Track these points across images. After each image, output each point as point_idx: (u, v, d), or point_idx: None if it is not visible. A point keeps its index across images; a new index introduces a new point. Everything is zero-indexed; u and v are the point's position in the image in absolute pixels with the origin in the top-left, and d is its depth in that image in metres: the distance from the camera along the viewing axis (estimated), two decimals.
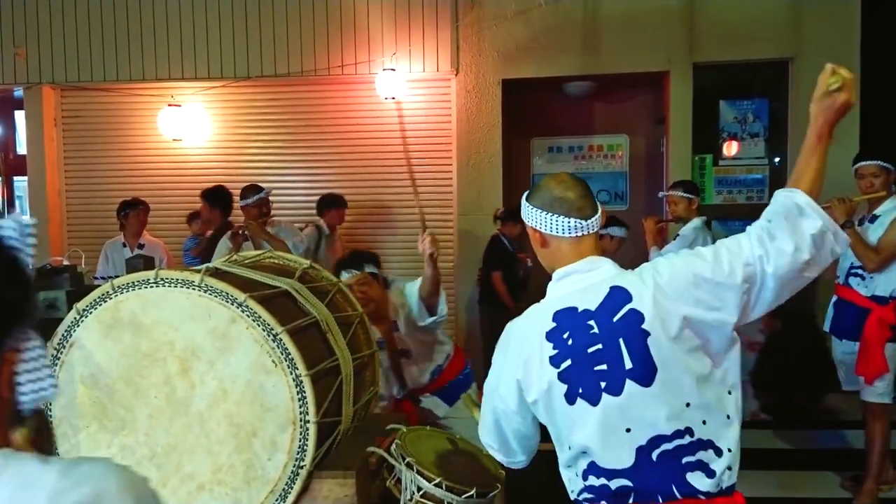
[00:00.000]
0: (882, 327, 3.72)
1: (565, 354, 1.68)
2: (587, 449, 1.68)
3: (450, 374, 3.47)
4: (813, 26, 5.83)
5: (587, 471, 1.71)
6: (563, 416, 1.70)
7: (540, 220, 1.82)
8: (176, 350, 2.24)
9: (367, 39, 6.09)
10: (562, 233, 1.80)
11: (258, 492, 2.21)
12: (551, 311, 1.76)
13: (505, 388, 1.82)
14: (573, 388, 1.67)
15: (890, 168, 3.78)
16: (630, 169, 6.65)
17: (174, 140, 6.32)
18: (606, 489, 1.67)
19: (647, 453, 1.64)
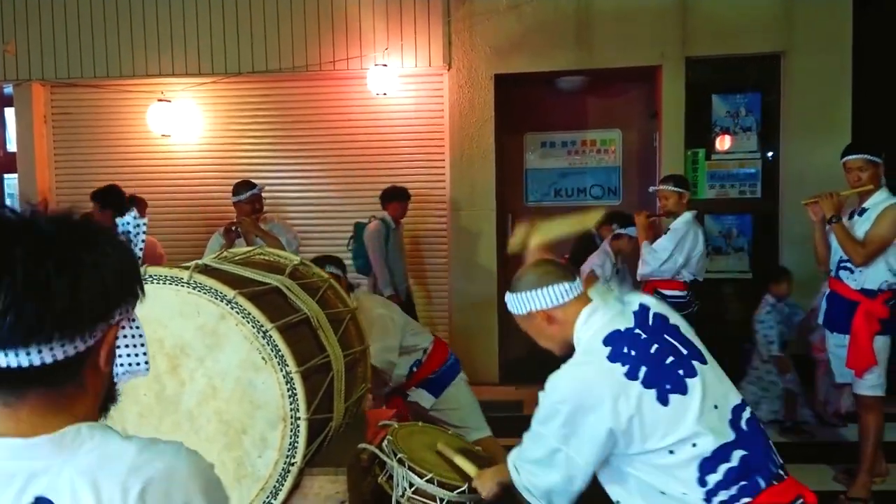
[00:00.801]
0: (870, 320, 3.73)
1: (637, 364, 1.74)
2: (696, 439, 1.70)
3: (431, 366, 3.51)
4: (805, 20, 5.83)
5: (701, 474, 1.70)
6: (659, 422, 1.72)
7: (539, 298, 1.92)
8: (165, 347, 2.22)
9: (358, 35, 6.06)
10: (564, 297, 1.90)
11: (248, 489, 2.20)
12: (599, 341, 1.82)
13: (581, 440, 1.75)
14: (661, 388, 1.73)
15: (877, 161, 3.77)
16: (623, 163, 6.64)
17: (163, 136, 6.28)
18: (732, 472, 1.69)
19: (737, 424, 1.76)
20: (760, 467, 1.72)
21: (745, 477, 1.70)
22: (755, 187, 6.18)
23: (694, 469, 1.71)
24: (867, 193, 3.80)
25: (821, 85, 5.84)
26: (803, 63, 5.88)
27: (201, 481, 1.01)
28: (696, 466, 1.71)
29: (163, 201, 6.37)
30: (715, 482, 1.70)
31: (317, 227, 6.30)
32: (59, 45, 6.32)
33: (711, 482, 1.70)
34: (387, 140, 6.26)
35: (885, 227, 3.70)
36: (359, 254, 5.60)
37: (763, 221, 6.19)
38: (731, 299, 6.14)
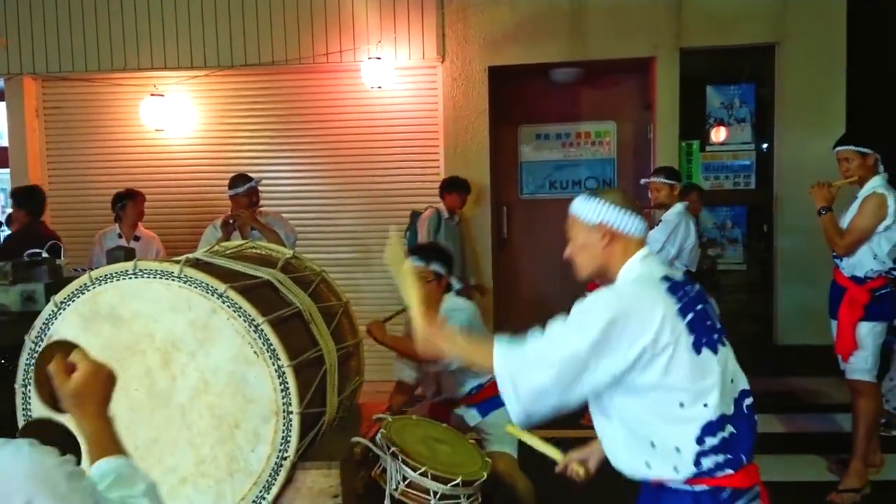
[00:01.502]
0: (853, 306, 3.78)
1: (686, 309, 1.78)
2: (709, 400, 1.74)
3: (489, 392, 3.11)
4: (799, 11, 5.82)
5: (702, 434, 1.74)
6: (686, 366, 1.74)
7: (617, 217, 1.89)
8: (156, 342, 2.22)
9: (351, 27, 6.03)
10: (635, 231, 1.90)
11: (241, 484, 2.19)
12: (657, 276, 1.84)
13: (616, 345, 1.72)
14: (699, 337, 1.76)
15: (866, 152, 3.76)
16: (618, 155, 6.63)
17: (156, 130, 6.25)
18: (726, 442, 1.74)
19: (739, 404, 1.82)
20: (745, 446, 1.78)
21: (733, 450, 1.75)
22: (749, 178, 6.18)
23: (696, 428, 1.74)
24: (861, 183, 3.81)
25: (815, 76, 5.83)
26: (797, 54, 5.87)
27: (43, 480, 1.00)
28: (700, 426, 1.74)
29: (156, 196, 6.33)
30: (710, 445, 1.74)
31: (311, 221, 6.27)
32: (51, 39, 6.28)
33: (707, 444, 1.74)
34: (381, 133, 6.24)
35: (864, 217, 3.73)
36: (412, 242, 5.47)
37: (757, 212, 6.19)
38: (726, 290, 6.14)
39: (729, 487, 1.76)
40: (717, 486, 1.75)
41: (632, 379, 1.75)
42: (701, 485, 1.75)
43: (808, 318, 5.47)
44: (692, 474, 1.75)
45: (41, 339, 2.25)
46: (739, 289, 6.28)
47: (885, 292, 3.79)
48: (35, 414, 2.27)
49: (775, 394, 5.55)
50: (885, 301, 3.79)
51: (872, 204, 3.72)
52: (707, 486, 1.75)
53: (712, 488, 1.75)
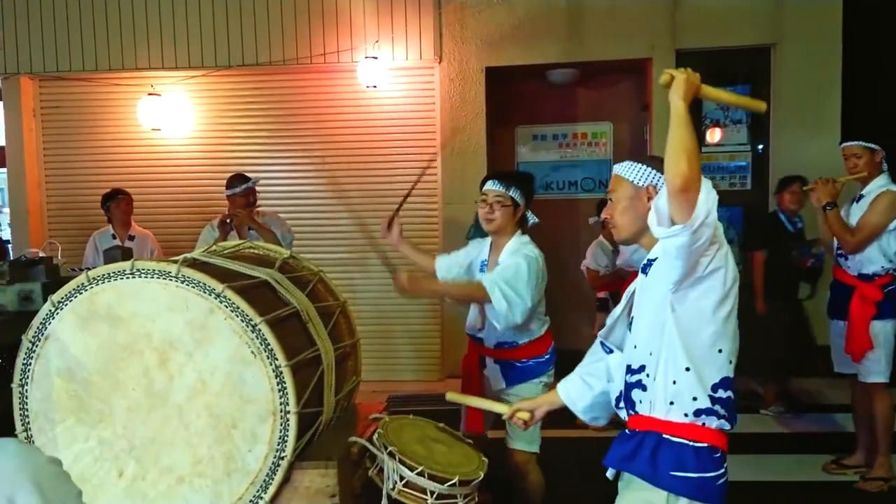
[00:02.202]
0: (865, 304, 3.76)
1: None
2: (733, 357, 1.87)
3: (515, 354, 3.16)
4: (795, 13, 5.84)
5: (720, 384, 1.84)
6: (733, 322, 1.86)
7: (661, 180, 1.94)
8: (153, 342, 2.22)
9: (348, 27, 6.03)
10: None
11: (239, 483, 2.20)
12: None
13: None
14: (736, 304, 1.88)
15: (874, 148, 3.79)
16: (614, 156, 6.65)
17: (153, 130, 6.24)
18: (726, 402, 1.85)
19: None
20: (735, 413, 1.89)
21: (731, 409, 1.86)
22: (745, 180, 6.20)
23: (718, 376, 1.84)
24: (866, 180, 3.83)
25: (811, 77, 5.85)
26: (793, 56, 5.89)
27: (30, 477, 1.02)
28: (721, 377, 1.84)
29: (153, 195, 6.34)
30: (720, 396, 1.84)
31: (308, 221, 6.28)
32: (48, 38, 6.27)
33: (718, 394, 1.84)
34: (378, 133, 6.24)
35: (877, 214, 3.73)
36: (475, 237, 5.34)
37: (753, 213, 6.21)
38: None
39: (721, 449, 1.84)
40: (713, 444, 1.82)
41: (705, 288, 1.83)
42: (701, 441, 1.82)
43: None
44: (705, 407, 1.82)
45: (38, 339, 2.26)
46: None
47: (893, 288, 3.79)
48: (32, 413, 2.28)
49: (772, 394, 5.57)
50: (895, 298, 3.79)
51: (886, 202, 3.73)
52: (706, 443, 1.82)
53: (710, 446, 1.82)
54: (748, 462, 4.16)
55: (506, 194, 3.10)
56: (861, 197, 3.87)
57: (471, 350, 3.36)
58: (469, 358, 3.35)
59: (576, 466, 3.62)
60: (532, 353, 3.18)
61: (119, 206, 5.37)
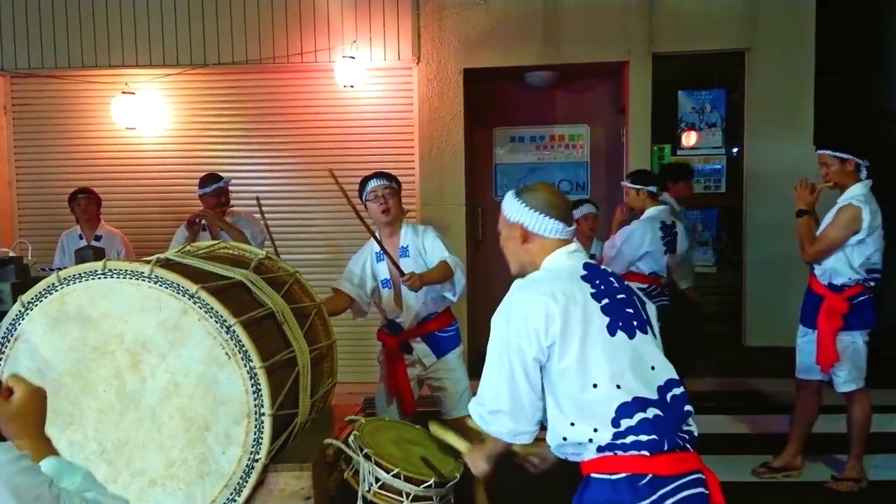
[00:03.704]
0: (832, 317, 3.75)
1: (602, 294, 1.87)
2: (621, 380, 1.79)
3: (436, 324, 3.62)
4: (769, 18, 5.91)
5: (617, 416, 1.78)
6: (600, 348, 1.81)
7: (531, 219, 1.99)
8: (125, 343, 2.19)
9: (326, 27, 6.00)
10: (550, 234, 1.99)
11: (212, 486, 2.18)
12: (578, 264, 1.95)
13: (533, 334, 1.82)
14: (614, 320, 1.84)
15: (844, 157, 3.72)
16: (591, 159, 6.69)
17: (128, 128, 6.16)
18: (645, 423, 1.77)
19: (664, 393, 1.85)
20: (669, 432, 1.79)
21: (654, 433, 1.77)
22: (720, 182, 6.26)
23: (612, 409, 1.78)
24: (843, 188, 3.78)
25: (784, 82, 5.93)
26: (767, 60, 5.97)
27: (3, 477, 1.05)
28: (615, 408, 1.78)
29: (128, 195, 6.26)
30: (626, 426, 1.77)
31: (284, 221, 6.22)
32: (20, 35, 6.16)
33: (624, 426, 1.77)
34: (355, 134, 6.22)
35: (836, 228, 3.70)
36: None
37: (727, 215, 6.29)
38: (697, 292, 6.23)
39: (648, 474, 1.75)
40: (634, 473, 1.76)
41: (552, 364, 1.83)
42: (618, 472, 1.77)
43: (777, 319, 5.56)
44: (605, 444, 1.78)
45: (7, 340, 2.22)
46: (709, 291, 6.37)
47: (862, 299, 3.77)
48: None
49: (743, 394, 5.64)
50: (864, 308, 3.77)
51: (846, 216, 3.68)
52: (624, 473, 1.77)
53: (629, 476, 1.76)
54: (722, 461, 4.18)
55: (392, 184, 3.60)
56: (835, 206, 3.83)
57: (388, 343, 3.65)
58: (390, 350, 3.62)
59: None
60: (448, 322, 3.67)
61: (80, 205, 5.31)
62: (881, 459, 4.18)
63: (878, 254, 3.77)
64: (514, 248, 2.06)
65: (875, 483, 3.92)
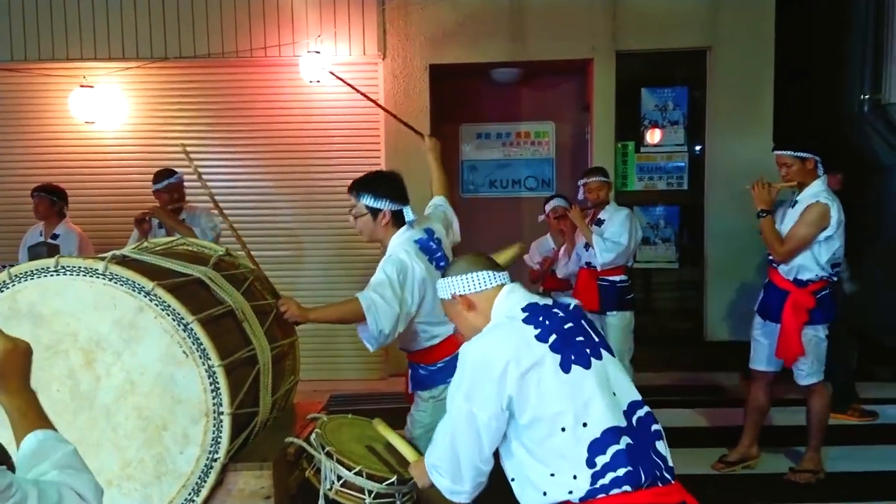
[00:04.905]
0: (798, 311, 3.79)
1: (548, 331, 1.83)
2: (587, 417, 1.75)
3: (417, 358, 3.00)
4: (729, 17, 6.00)
5: (591, 454, 1.74)
6: (557, 390, 1.76)
7: (464, 282, 2.00)
8: (79, 341, 2.14)
9: (290, 21, 5.94)
10: (489, 284, 1.99)
11: (169, 486, 2.14)
12: (517, 308, 1.90)
13: (486, 399, 1.80)
14: (566, 356, 1.80)
15: (805, 157, 3.78)
16: (556, 155, 6.73)
17: (86, 122, 6.03)
18: (620, 455, 1.72)
19: (630, 416, 1.82)
20: (644, 460, 1.77)
21: (630, 463, 1.74)
22: (682, 180, 6.34)
23: (584, 449, 1.75)
24: (801, 186, 3.83)
25: (744, 80, 6.02)
26: (728, 59, 6.06)
27: None
28: (587, 447, 1.75)
29: (87, 190, 6.12)
30: (602, 464, 1.74)
31: (247, 218, 6.15)
32: None
33: (599, 464, 1.74)
34: (321, 130, 6.16)
35: (805, 225, 3.74)
36: None
37: (689, 212, 6.37)
38: (659, 288, 6.31)
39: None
40: None
41: (514, 422, 1.81)
42: None
43: (737, 315, 5.66)
44: (586, 493, 1.73)
45: None
46: (671, 287, 6.46)
47: (825, 294, 3.83)
48: None
49: (704, 388, 5.72)
50: (826, 303, 3.83)
51: (815, 213, 3.71)
52: None
53: None
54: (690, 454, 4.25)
55: (357, 203, 2.91)
56: (795, 203, 3.86)
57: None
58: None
59: None
60: (424, 360, 2.96)
61: (33, 204, 5.21)
62: (838, 451, 4.27)
63: (842, 249, 3.85)
64: (466, 322, 2.02)
65: (832, 474, 4.00)
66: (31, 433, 1.26)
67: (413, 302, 2.77)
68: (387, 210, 2.89)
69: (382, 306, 2.66)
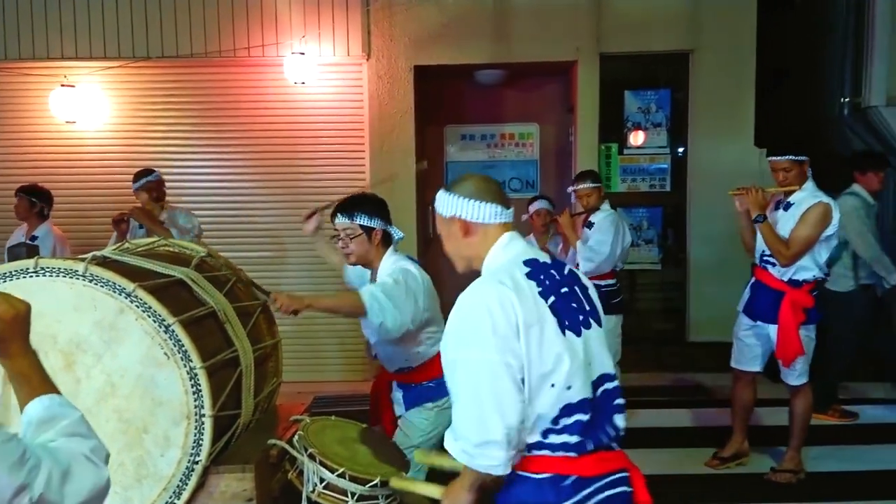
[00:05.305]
0: (796, 310, 3.81)
1: (548, 291, 1.80)
2: (572, 382, 1.74)
3: (414, 377, 3.02)
4: (712, 20, 6.05)
5: (560, 414, 1.74)
6: (553, 349, 1.74)
7: (468, 208, 1.89)
8: (59, 343, 2.12)
9: (274, 21, 5.91)
10: (491, 219, 1.89)
11: (150, 489, 2.13)
12: (519, 261, 1.84)
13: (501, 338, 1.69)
14: (562, 319, 1.78)
15: (802, 160, 3.82)
16: (540, 157, 6.75)
17: (67, 122, 5.97)
18: (579, 425, 1.75)
19: (596, 388, 1.82)
20: (597, 431, 1.80)
21: (582, 434, 1.75)
22: (665, 181, 6.38)
23: (557, 409, 1.75)
24: (791, 191, 3.86)
25: (726, 83, 6.08)
26: (710, 62, 6.10)
27: None
28: (560, 408, 1.75)
29: (68, 191, 6.06)
30: (563, 425, 1.75)
31: (231, 219, 6.14)
32: None
33: (561, 425, 1.75)
34: (305, 130, 6.14)
35: (809, 226, 3.75)
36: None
37: (672, 214, 6.41)
38: (642, 289, 6.34)
39: (572, 475, 1.75)
40: (557, 473, 1.75)
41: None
42: (543, 472, 1.76)
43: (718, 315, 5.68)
44: (535, 442, 1.75)
45: None
46: (654, 288, 6.50)
47: (816, 294, 3.87)
48: None
49: (686, 389, 5.76)
50: (818, 303, 3.87)
51: (819, 213, 3.73)
52: (549, 473, 1.75)
53: (553, 476, 1.75)
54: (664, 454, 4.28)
55: (352, 224, 2.88)
56: (789, 205, 3.87)
57: (380, 375, 3.27)
58: (378, 382, 3.29)
59: None
60: (427, 376, 2.97)
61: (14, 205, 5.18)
62: (818, 451, 4.32)
63: (836, 249, 3.90)
64: (456, 245, 1.95)
65: (812, 474, 4.04)
66: (37, 398, 1.23)
67: (421, 304, 2.82)
68: (379, 229, 2.92)
69: (383, 299, 2.70)
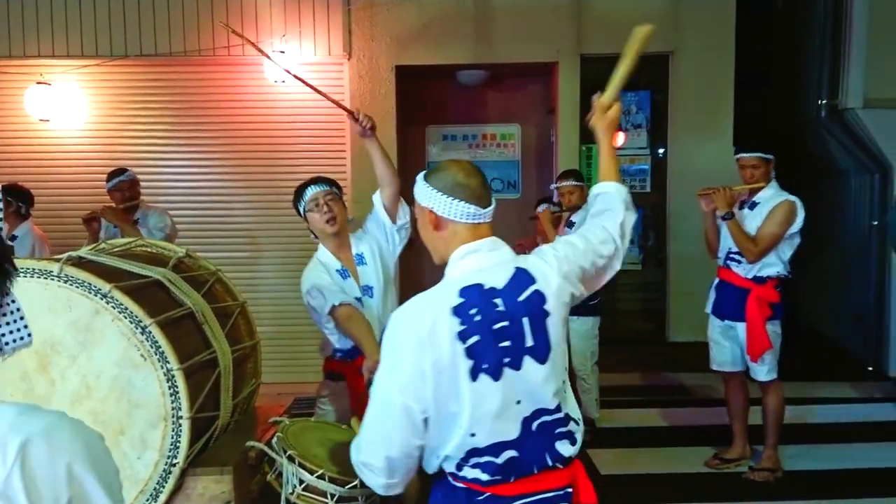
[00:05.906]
0: (762, 306, 3.88)
1: (472, 331, 1.65)
2: (476, 429, 1.65)
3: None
4: (691, 22, 6.09)
5: (467, 456, 1.69)
6: (460, 394, 1.64)
7: (439, 202, 1.76)
8: (33, 345, 2.08)
9: (254, 20, 5.87)
10: (461, 219, 1.77)
11: (126, 492, 2.08)
12: (457, 288, 1.71)
13: (407, 377, 1.65)
14: (478, 363, 1.65)
15: (769, 158, 3.90)
16: (522, 158, 6.77)
17: (41, 121, 5.89)
18: (491, 466, 1.69)
19: (529, 424, 1.71)
20: (531, 462, 1.72)
21: (498, 474, 1.70)
22: (645, 182, 6.42)
23: (463, 452, 1.69)
24: (758, 188, 3.94)
25: (705, 85, 6.12)
26: (689, 63, 6.15)
27: (85, 448, 1.02)
28: (466, 450, 1.69)
29: (43, 190, 5.94)
30: (474, 463, 1.70)
31: (209, 219, 6.08)
32: None
33: (471, 463, 1.70)
34: (285, 130, 6.10)
35: (776, 224, 3.83)
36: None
37: (652, 215, 6.45)
38: (622, 289, 6.37)
39: (487, 493, 1.71)
40: (472, 488, 1.72)
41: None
42: (460, 483, 1.73)
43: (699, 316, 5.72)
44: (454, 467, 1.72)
45: None
46: (635, 288, 6.53)
47: (780, 290, 3.94)
48: None
49: (666, 389, 5.80)
50: (782, 299, 3.94)
51: (785, 211, 3.82)
52: (464, 486, 1.72)
53: (468, 489, 1.72)
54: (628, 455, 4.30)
55: (332, 189, 3.02)
56: (755, 204, 3.94)
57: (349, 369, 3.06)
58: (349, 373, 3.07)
59: None
60: None
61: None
62: (795, 450, 4.36)
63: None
64: (428, 236, 1.84)
65: (789, 473, 4.09)
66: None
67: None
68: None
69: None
